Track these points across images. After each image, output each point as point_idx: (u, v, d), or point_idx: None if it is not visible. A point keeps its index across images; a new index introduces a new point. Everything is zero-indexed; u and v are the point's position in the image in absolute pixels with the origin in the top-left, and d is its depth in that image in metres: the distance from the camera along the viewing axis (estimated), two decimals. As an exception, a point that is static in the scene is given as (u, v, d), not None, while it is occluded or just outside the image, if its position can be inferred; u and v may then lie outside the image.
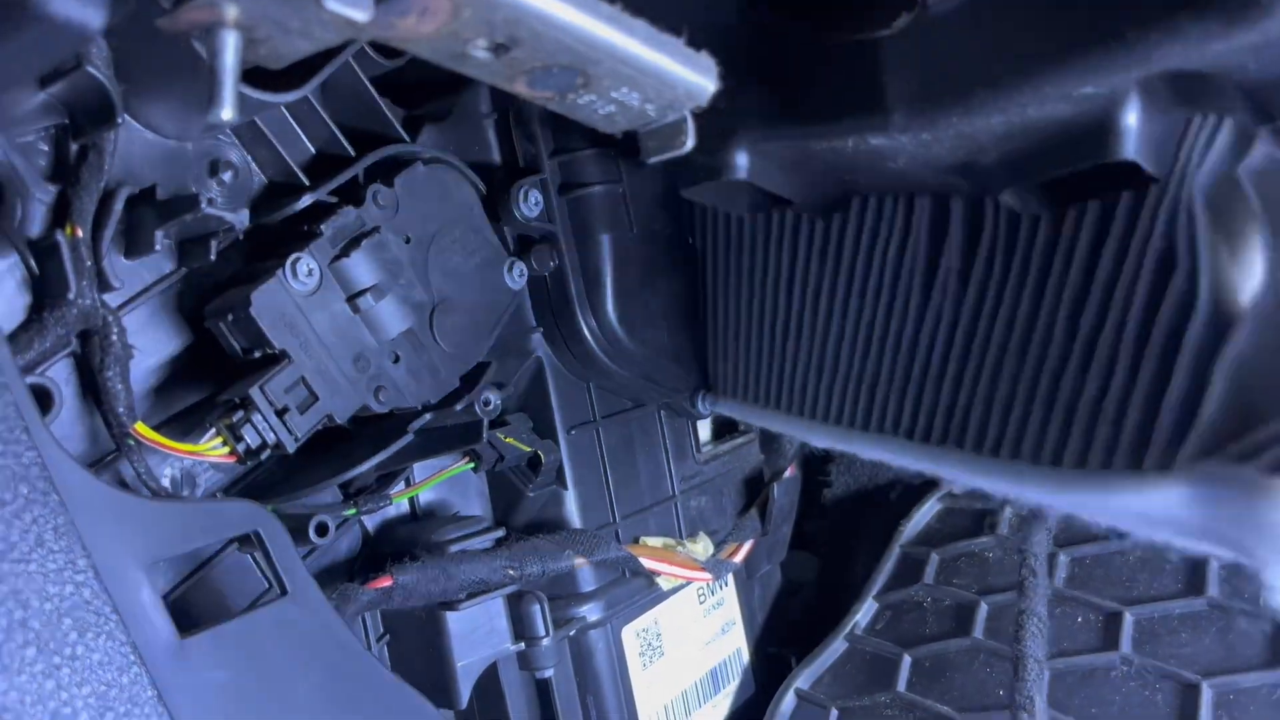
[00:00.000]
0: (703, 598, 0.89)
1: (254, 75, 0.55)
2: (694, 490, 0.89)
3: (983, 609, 0.80)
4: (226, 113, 0.38)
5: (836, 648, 0.86)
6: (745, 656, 0.93)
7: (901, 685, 0.78)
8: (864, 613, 0.87)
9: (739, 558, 0.91)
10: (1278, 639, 0.68)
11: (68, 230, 0.53)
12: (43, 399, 0.54)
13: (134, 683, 0.44)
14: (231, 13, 0.37)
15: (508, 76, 0.44)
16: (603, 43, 0.42)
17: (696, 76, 0.46)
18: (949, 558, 0.88)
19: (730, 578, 0.92)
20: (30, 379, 0.53)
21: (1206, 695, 0.66)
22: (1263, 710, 0.65)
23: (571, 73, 0.44)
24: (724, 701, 0.90)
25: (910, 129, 0.52)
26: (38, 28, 0.32)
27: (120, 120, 0.53)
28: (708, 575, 0.85)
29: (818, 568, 1.04)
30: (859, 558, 0.98)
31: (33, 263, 0.53)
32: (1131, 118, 0.46)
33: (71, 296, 0.52)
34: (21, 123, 0.53)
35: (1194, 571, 0.75)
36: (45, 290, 0.53)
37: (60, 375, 0.55)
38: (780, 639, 0.97)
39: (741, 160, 0.62)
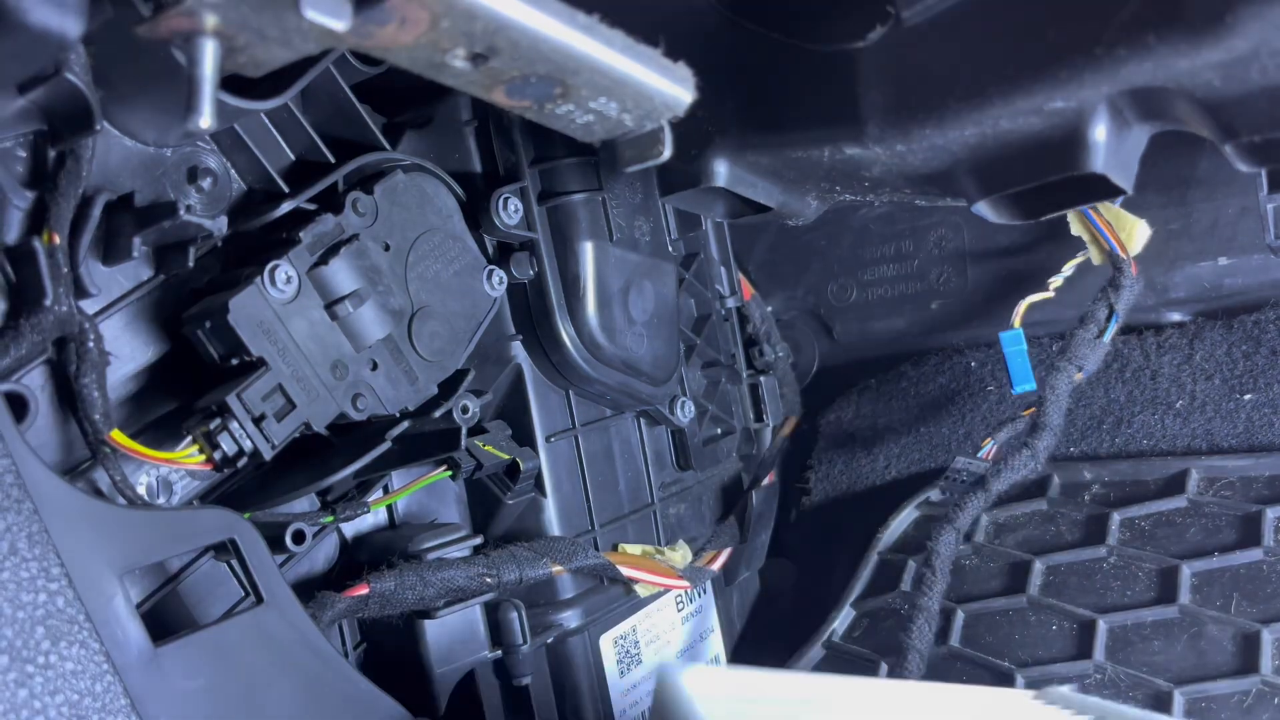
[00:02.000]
0: (681, 605, 0.89)
1: (233, 82, 0.55)
2: (673, 498, 0.90)
3: (959, 616, 0.80)
4: (205, 120, 0.38)
5: (814, 655, 0.86)
6: (723, 664, 0.93)
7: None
8: (841, 620, 0.88)
9: (717, 565, 0.91)
10: (1247, 646, 0.68)
11: (45, 237, 0.53)
12: (18, 406, 0.54)
13: (107, 691, 0.44)
14: (210, 21, 0.38)
15: (486, 86, 0.45)
16: (580, 53, 0.42)
17: (673, 87, 0.46)
18: (922, 561, 0.88)
19: (709, 585, 0.93)
20: (5, 386, 0.53)
21: (1178, 703, 0.67)
22: (1234, 717, 0.66)
23: (549, 83, 0.44)
24: (702, 709, 0.90)
25: (885, 140, 0.52)
26: (16, 36, 0.32)
27: (98, 127, 0.52)
28: (686, 583, 0.85)
29: (796, 575, 1.04)
30: (837, 565, 0.98)
31: (9, 269, 0.53)
32: (1100, 132, 0.47)
33: (48, 303, 0.52)
34: (-1, 128, 0.53)
35: (1166, 579, 0.75)
36: (22, 297, 0.53)
37: (36, 382, 0.55)
38: (758, 646, 0.98)
39: (720, 168, 0.62)
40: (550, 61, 0.42)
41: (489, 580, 0.70)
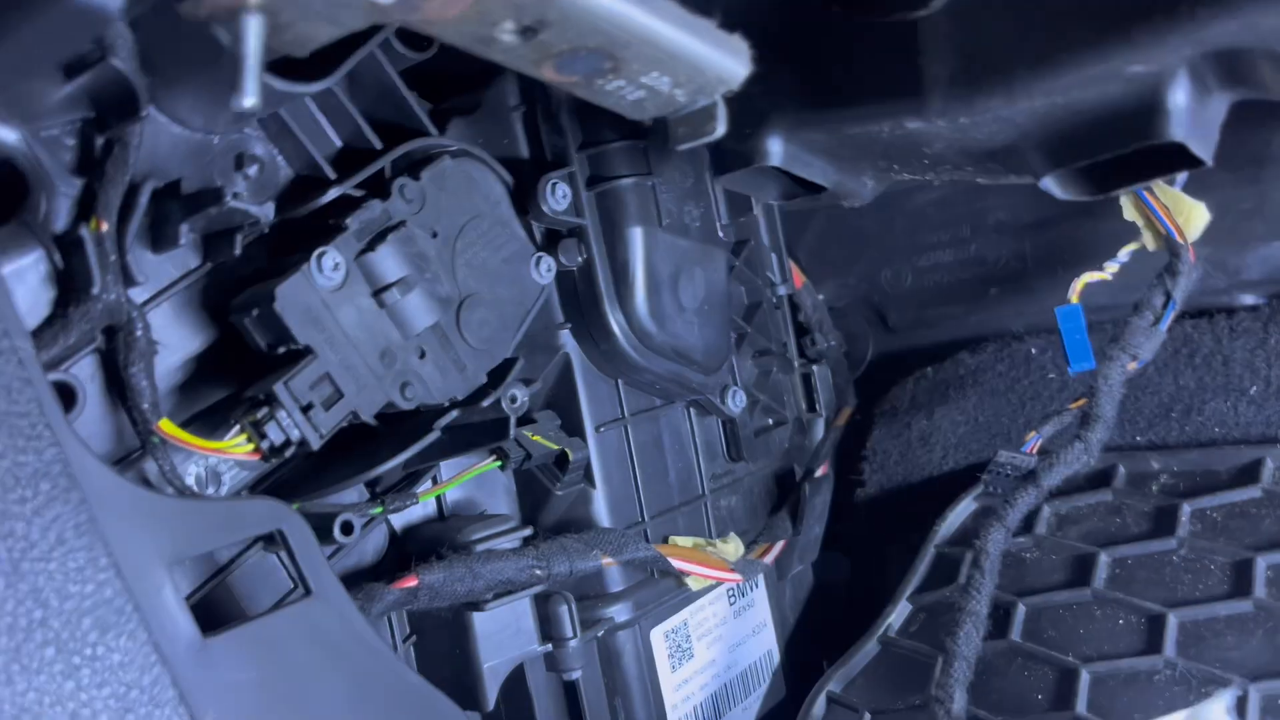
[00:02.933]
0: (733, 599, 0.88)
1: (279, 66, 0.54)
2: (724, 490, 0.88)
3: (1020, 610, 0.78)
4: (250, 100, 0.37)
5: (869, 650, 0.84)
6: (776, 659, 0.92)
7: (936, 688, 0.77)
8: (897, 614, 0.86)
9: (769, 558, 0.89)
10: (1330, 642, 0.66)
11: (92, 224, 0.53)
12: (67, 396, 0.54)
13: (155, 683, 0.44)
14: (254, -4, 0.37)
15: (535, 61, 0.43)
16: (633, 24, 0.41)
17: (729, 60, 0.45)
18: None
19: (761, 579, 0.91)
20: (54, 375, 0.53)
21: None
22: (1314, 715, 0.63)
23: (600, 56, 0.43)
24: (754, 704, 0.89)
25: (948, 113, 0.50)
26: (56, 11, 0.32)
27: (145, 113, 0.52)
28: (737, 576, 0.83)
29: (850, 569, 1.03)
30: (893, 559, 0.96)
31: (57, 257, 0.53)
32: (1181, 97, 0.44)
33: (96, 292, 0.52)
34: (46, 115, 0.53)
35: (1240, 572, 0.73)
36: (70, 285, 0.53)
37: (84, 372, 0.55)
38: (812, 641, 0.96)
39: (775, 147, 0.61)
40: (601, 33, 0.41)
41: (538, 572, 0.69)
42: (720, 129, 0.48)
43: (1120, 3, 0.43)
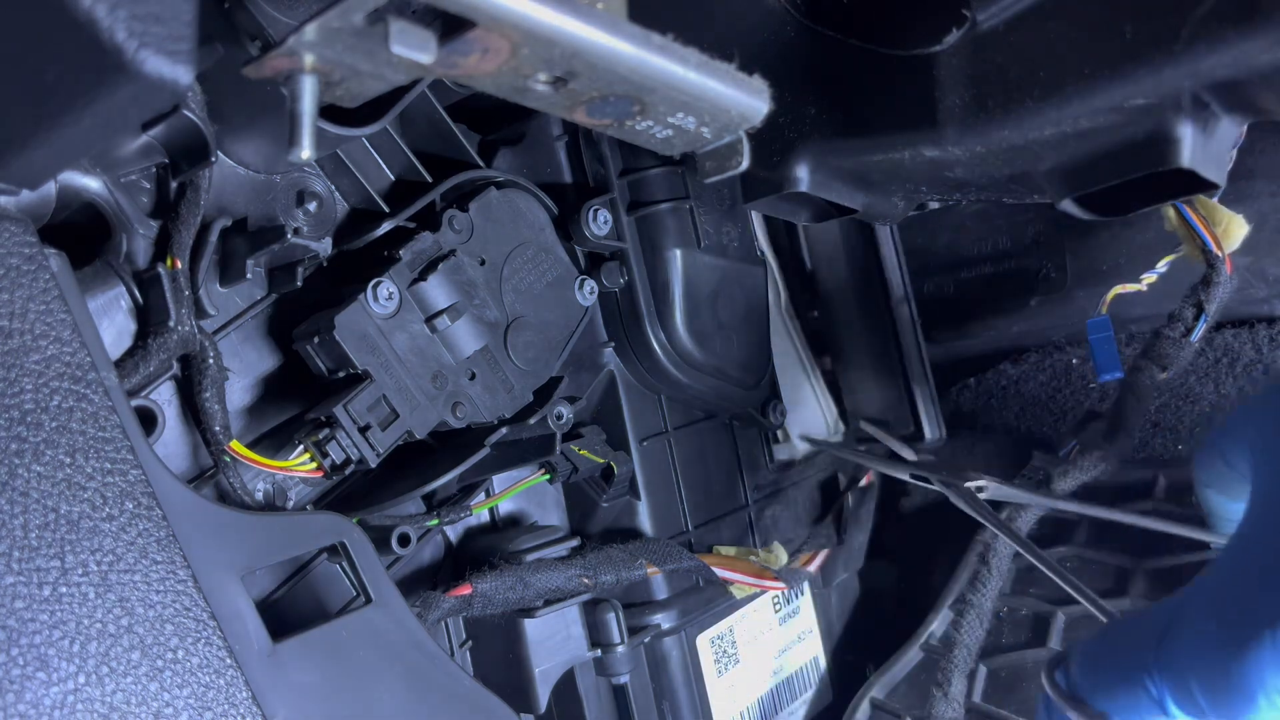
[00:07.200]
0: (778, 606, 0.90)
1: (334, 111, 0.58)
2: (767, 499, 0.90)
3: (1059, 619, 0.79)
4: (305, 153, 0.40)
5: (912, 657, 0.86)
6: (822, 665, 0.94)
7: (977, 696, 0.78)
8: (939, 622, 0.87)
9: (813, 567, 0.91)
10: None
11: (169, 262, 0.57)
12: (147, 420, 0.58)
13: (230, 684, 0.47)
14: (309, 59, 0.40)
15: (568, 107, 0.46)
16: (656, 73, 0.43)
17: (749, 100, 0.47)
18: (1026, 567, 0.87)
19: (806, 586, 0.93)
20: (136, 401, 0.57)
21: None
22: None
23: (628, 101, 0.46)
24: (800, 709, 0.91)
25: (963, 143, 0.52)
26: (135, 85, 0.36)
27: (214, 158, 0.56)
28: (781, 584, 0.85)
29: (896, 577, 1.04)
30: (936, 567, 0.97)
31: (137, 293, 0.57)
32: (1185, 127, 0.46)
33: (172, 324, 0.56)
34: (126, 164, 0.57)
35: None
36: (148, 318, 0.57)
37: (163, 397, 0.59)
38: (857, 648, 0.97)
39: (801, 173, 0.63)
40: (627, 82, 0.44)
41: (586, 581, 0.71)
42: (744, 163, 0.50)
43: (1119, 41, 0.44)
